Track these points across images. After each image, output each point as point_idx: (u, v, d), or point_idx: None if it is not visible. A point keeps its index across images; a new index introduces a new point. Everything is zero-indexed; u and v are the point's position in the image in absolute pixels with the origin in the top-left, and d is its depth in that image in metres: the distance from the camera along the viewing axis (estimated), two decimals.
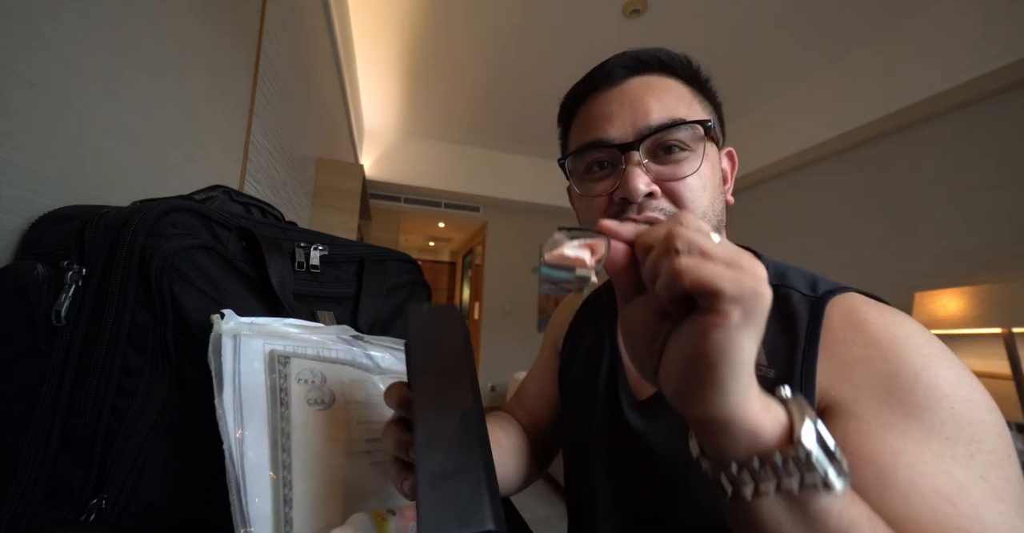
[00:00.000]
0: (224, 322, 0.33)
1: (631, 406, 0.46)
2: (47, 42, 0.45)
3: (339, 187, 2.05)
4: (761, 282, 0.21)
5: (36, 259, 0.36)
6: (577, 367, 0.56)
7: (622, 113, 0.42)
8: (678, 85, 0.44)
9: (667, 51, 0.44)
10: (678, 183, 0.40)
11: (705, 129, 0.41)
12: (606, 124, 0.43)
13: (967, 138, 1.97)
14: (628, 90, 0.43)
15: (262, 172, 1.20)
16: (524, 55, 2.59)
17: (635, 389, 0.47)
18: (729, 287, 0.20)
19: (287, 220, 0.55)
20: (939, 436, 0.30)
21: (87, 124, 0.51)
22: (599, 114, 0.44)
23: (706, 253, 0.21)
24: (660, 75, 0.44)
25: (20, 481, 0.31)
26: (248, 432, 0.31)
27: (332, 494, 0.33)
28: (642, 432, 0.44)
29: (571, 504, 0.54)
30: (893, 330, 0.35)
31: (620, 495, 0.46)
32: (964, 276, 1.88)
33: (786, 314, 0.40)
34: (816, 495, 0.22)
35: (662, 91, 0.42)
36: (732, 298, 0.20)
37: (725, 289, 0.20)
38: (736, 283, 0.20)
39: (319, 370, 0.37)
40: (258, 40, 1.10)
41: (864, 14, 2.10)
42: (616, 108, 0.43)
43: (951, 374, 0.32)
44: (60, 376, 0.33)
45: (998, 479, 0.28)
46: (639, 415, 0.45)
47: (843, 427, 0.32)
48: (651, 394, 0.45)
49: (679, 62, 0.44)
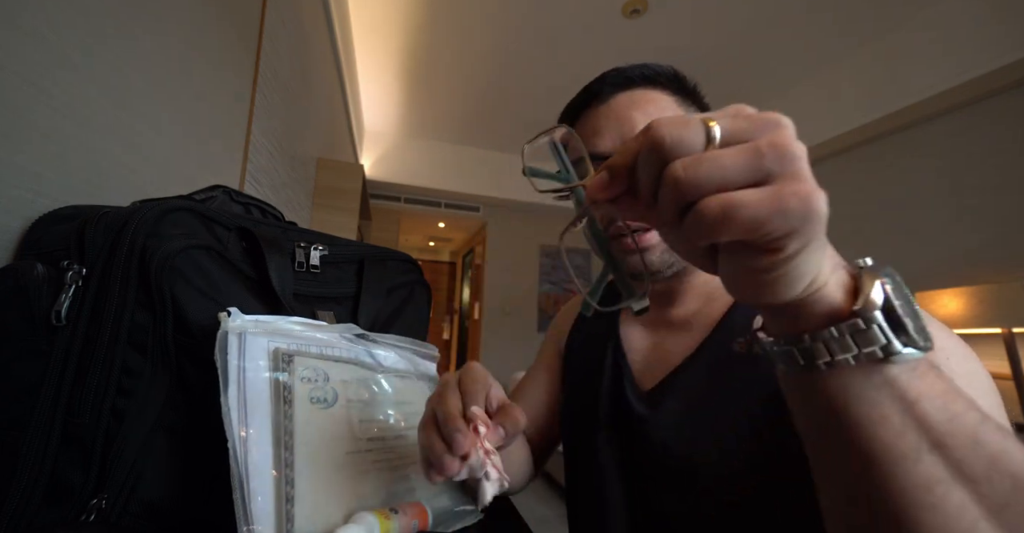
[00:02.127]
0: (231, 320, 0.33)
1: (636, 397, 0.47)
2: (47, 42, 0.45)
3: (339, 187, 2.05)
4: (812, 191, 0.16)
5: (36, 259, 0.36)
6: (580, 362, 0.56)
7: (610, 127, 0.45)
8: (663, 96, 0.46)
9: (652, 66, 0.47)
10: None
11: None
12: (596, 138, 0.46)
13: (967, 138, 1.97)
14: (615, 106, 0.46)
15: (262, 172, 1.20)
16: (524, 55, 2.59)
17: (639, 380, 0.48)
18: (770, 217, 0.16)
19: (287, 220, 0.55)
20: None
21: (87, 124, 0.51)
22: (590, 129, 0.47)
23: (717, 162, 0.17)
24: (645, 88, 0.47)
25: (20, 481, 0.31)
26: (252, 430, 0.31)
27: (334, 492, 0.33)
28: (649, 422, 0.44)
29: (574, 500, 0.54)
30: None
31: (629, 488, 0.46)
32: (964, 276, 1.88)
33: None
34: (883, 364, 0.20)
35: (647, 104, 0.45)
36: (780, 233, 0.17)
37: (766, 223, 0.16)
38: (779, 209, 0.16)
39: (322, 368, 0.37)
40: (258, 40, 1.10)
41: (864, 14, 2.10)
42: (605, 123, 0.46)
43: (943, 333, 0.34)
44: (60, 376, 0.33)
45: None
46: (645, 405, 0.46)
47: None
48: (656, 383, 0.46)
49: (664, 75, 0.47)
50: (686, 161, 0.17)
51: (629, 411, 0.46)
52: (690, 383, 0.44)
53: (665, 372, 0.46)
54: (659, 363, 0.48)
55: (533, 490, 2.50)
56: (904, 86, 2.10)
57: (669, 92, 0.47)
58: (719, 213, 0.17)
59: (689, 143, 0.17)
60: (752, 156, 0.17)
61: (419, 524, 0.34)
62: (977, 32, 1.85)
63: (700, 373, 0.43)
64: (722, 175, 0.17)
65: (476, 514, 0.42)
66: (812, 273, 0.19)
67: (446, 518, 0.39)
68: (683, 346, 0.46)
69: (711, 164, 0.17)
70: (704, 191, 0.17)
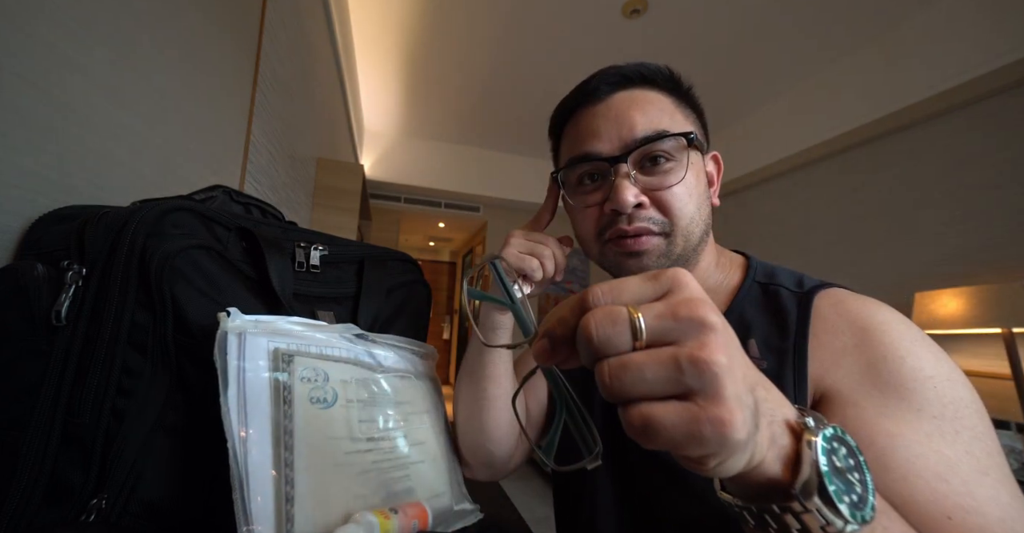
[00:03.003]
0: (230, 320, 0.33)
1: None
2: (47, 42, 0.45)
3: (339, 187, 2.05)
4: (727, 417, 0.17)
5: (36, 259, 0.36)
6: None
7: (608, 127, 0.44)
8: (661, 97, 0.46)
9: (649, 64, 0.47)
10: (665, 192, 0.43)
11: (688, 140, 0.43)
12: (594, 138, 0.45)
13: (967, 138, 1.97)
14: (613, 105, 0.45)
15: (262, 172, 1.20)
16: (524, 55, 2.59)
17: None
18: (686, 442, 0.17)
19: (287, 220, 0.55)
20: (927, 415, 0.32)
21: (87, 124, 0.51)
22: (587, 129, 0.46)
23: (639, 373, 0.18)
24: (643, 88, 0.46)
25: (20, 481, 0.31)
26: (252, 430, 0.31)
27: (334, 492, 0.33)
28: None
29: (562, 500, 0.54)
30: (877, 318, 0.37)
31: (619, 488, 0.46)
32: (964, 276, 1.88)
33: (776, 309, 0.43)
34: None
35: (646, 104, 0.44)
36: (696, 455, 0.18)
37: (683, 446, 0.18)
38: (694, 435, 0.17)
39: (322, 368, 0.37)
40: (258, 40, 1.10)
41: (864, 14, 2.10)
42: (603, 123, 0.45)
43: (931, 356, 0.35)
44: (60, 376, 0.33)
45: (981, 452, 0.31)
46: None
47: (841, 414, 0.35)
48: None
49: (661, 74, 0.46)
50: (613, 366, 0.18)
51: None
52: None
53: None
54: None
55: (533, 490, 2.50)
56: (904, 86, 2.10)
57: (666, 92, 0.46)
58: (640, 428, 0.18)
59: (616, 343, 0.18)
60: (673, 370, 0.17)
61: (419, 524, 0.34)
62: (977, 32, 1.85)
63: None
64: (646, 387, 0.18)
65: (476, 514, 0.42)
66: (742, 462, 0.20)
67: (446, 518, 0.39)
68: None
69: (634, 375, 0.18)
70: (628, 398, 0.18)
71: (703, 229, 0.45)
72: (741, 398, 0.18)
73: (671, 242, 0.43)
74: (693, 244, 0.45)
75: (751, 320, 0.43)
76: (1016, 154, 1.78)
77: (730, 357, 0.18)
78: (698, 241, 0.45)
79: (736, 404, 0.17)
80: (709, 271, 0.49)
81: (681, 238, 0.43)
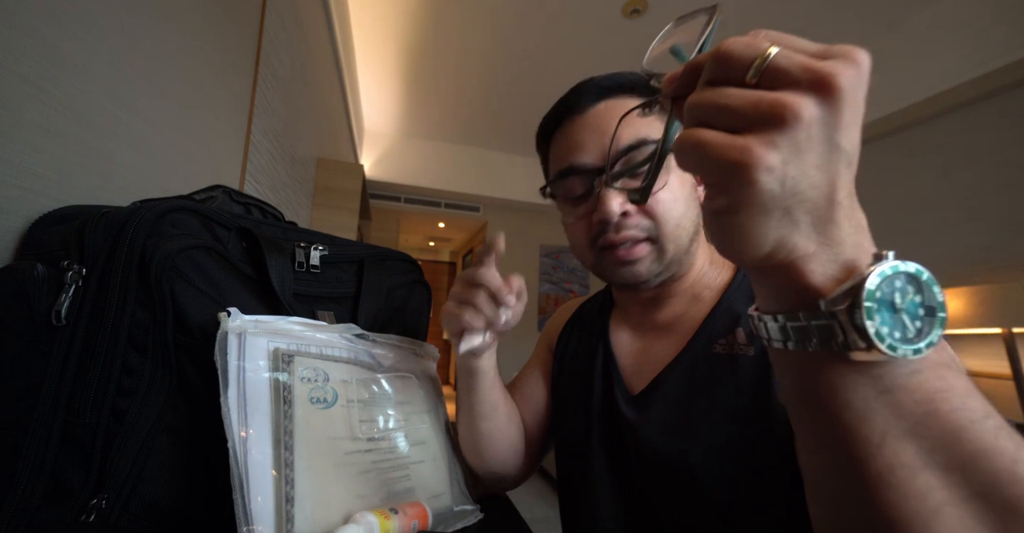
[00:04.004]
0: (231, 320, 0.33)
1: (626, 401, 0.47)
2: (47, 42, 0.45)
3: (339, 187, 2.05)
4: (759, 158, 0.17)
5: (36, 259, 0.36)
6: (571, 366, 0.57)
7: (591, 139, 0.45)
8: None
9: (626, 74, 0.47)
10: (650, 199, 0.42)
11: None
12: (578, 150, 0.45)
13: (967, 138, 1.97)
14: (595, 116, 0.45)
15: (262, 172, 1.20)
16: (524, 55, 2.59)
17: (628, 384, 0.49)
18: (714, 164, 0.18)
19: (287, 220, 0.55)
20: None
21: (87, 124, 0.51)
22: (571, 141, 0.46)
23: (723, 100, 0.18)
24: (623, 97, 0.46)
25: (20, 481, 0.31)
26: (252, 430, 0.31)
27: (334, 492, 0.33)
28: (638, 425, 0.44)
29: (566, 502, 0.54)
30: None
31: (620, 490, 0.46)
32: (964, 276, 1.88)
33: None
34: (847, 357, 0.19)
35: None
36: (712, 181, 0.19)
37: (706, 167, 0.18)
38: (719, 159, 0.18)
39: (322, 368, 0.37)
40: (258, 40, 1.10)
41: (864, 14, 2.10)
42: (586, 134, 0.45)
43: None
44: (60, 376, 0.33)
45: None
46: (634, 409, 0.46)
47: None
48: (643, 388, 0.46)
49: (639, 83, 0.46)
50: (705, 90, 0.19)
51: (620, 415, 0.47)
52: (673, 386, 0.44)
53: (652, 375, 0.46)
54: (647, 366, 0.48)
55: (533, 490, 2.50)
56: (904, 86, 2.10)
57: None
58: (688, 142, 0.18)
59: (732, 67, 0.18)
60: (752, 108, 0.17)
61: (419, 524, 0.34)
62: (977, 32, 1.85)
63: (683, 375, 0.44)
64: (727, 114, 0.18)
65: (476, 514, 0.42)
66: (764, 236, 0.19)
67: (446, 518, 0.39)
68: (668, 349, 0.47)
69: (719, 100, 0.18)
70: (703, 119, 0.19)
71: (693, 229, 0.46)
72: (793, 161, 0.17)
73: (661, 246, 0.44)
74: (684, 245, 0.45)
75: (740, 311, 0.44)
76: (1017, 154, 1.78)
77: (821, 134, 0.17)
78: (689, 241, 0.46)
79: (780, 156, 0.17)
80: (704, 269, 0.49)
81: (671, 241, 0.44)
